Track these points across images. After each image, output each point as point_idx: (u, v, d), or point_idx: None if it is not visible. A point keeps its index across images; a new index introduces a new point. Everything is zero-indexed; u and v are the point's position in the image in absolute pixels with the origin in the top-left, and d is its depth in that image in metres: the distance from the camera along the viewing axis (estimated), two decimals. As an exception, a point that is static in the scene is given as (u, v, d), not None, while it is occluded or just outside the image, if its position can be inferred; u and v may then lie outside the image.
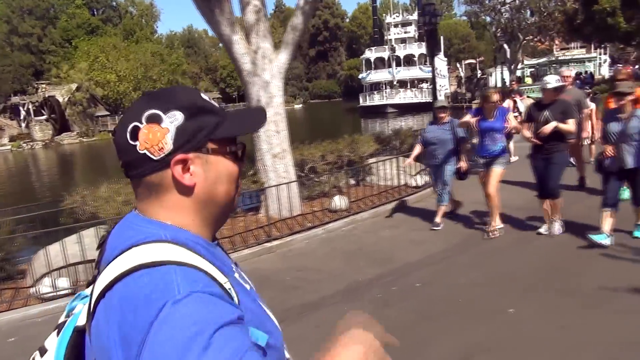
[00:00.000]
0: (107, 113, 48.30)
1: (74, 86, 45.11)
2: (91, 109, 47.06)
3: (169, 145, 0.82)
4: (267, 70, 6.72)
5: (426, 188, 8.36)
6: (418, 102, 44.22)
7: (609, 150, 4.92)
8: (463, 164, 6.15)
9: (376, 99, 48.80)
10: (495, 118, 5.57)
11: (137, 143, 0.82)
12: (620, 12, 18.09)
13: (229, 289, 0.79)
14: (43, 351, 0.91)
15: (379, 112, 45.95)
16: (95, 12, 67.14)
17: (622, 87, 4.85)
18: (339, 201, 7.31)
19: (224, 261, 0.88)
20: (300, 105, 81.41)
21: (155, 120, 0.82)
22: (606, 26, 19.04)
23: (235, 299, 0.79)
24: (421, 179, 8.70)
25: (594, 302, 3.94)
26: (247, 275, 0.97)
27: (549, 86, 5.29)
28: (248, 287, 0.90)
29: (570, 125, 5.16)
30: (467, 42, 72.80)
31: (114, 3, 69.35)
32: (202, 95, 0.89)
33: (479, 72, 60.15)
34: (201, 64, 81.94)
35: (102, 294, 0.77)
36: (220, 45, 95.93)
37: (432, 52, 12.36)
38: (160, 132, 0.82)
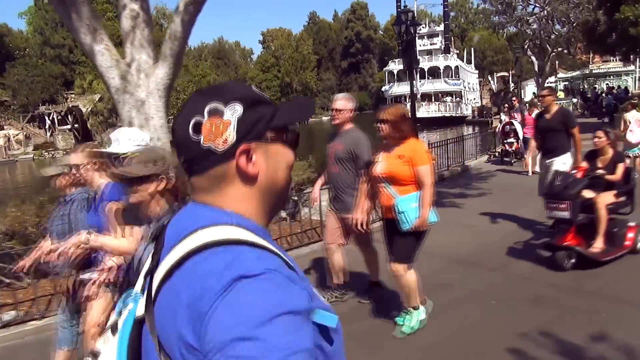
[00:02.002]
0: (129, 123, 48.62)
1: (97, 97, 45.66)
2: (112, 119, 47.52)
3: (232, 137, 0.83)
4: (142, 86, 5.61)
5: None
6: (441, 116, 42.33)
7: None
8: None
9: (398, 113, 47.03)
10: None
11: (201, 137, 0.83)
12: (644, 22, 16.17)
13: (300, 276, 0.78)
14: (96, 355, 0.92)
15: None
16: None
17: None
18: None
19: (284, 252, 0.84)
20: (329, 118, 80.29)
21: (217, 113, 0.83)
22: (630, 37, 17.12)
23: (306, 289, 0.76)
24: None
25: None
26: None
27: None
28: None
29: None
30: (501, 54, 70.26)
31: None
32: (254, 87, 0.90)
33: (512, 85, 57.72)
34: (230, 75, 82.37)
35: (169, 274, 0.77)
36: (252, 56, 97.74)
37: (411, 66, 11.00)
38: (223, 125, 0.83)
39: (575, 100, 34.16)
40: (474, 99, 52.75)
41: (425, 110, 44.29)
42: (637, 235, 5.36)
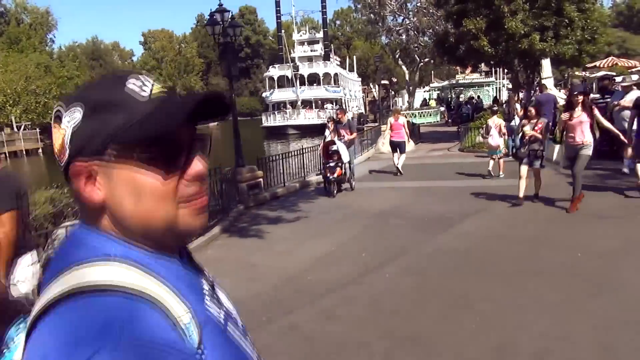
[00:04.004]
0: (-26, 131, 42.50)
1: None
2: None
3: (66, 151, 0.68)
4: None
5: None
6: (321, 123, 42.12)
7: None
8: None
9: (278, 119, 46.30)
10: None
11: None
12: (484, 36, 16.56)
13: (187, 324, 0.64)
14: None
15: (280, 133, 43.47)
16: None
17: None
18: None
19: (190, 283, 0.72)
20: (215, 123, 77.74)
21: (57, 119, 0.70)
22: (474, 49, 17.52)
23: (196, 335, 0.64)
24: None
25: None
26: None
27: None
28: (222, 314, 0.74)
29: None
30: (383, 62, 72.59)
31: (2, 9, 62.96)
32: (131, 82, 0.69)
33: (393, 93, 59.68)
34: (107, 78, 76.45)
35: (33, 325, 0.64)
36: (133, 59, 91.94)
37: (230, 71, 9.81)
38: (58, 134, 0.69)
39: (442, 109, 35.59)
40: (357, 106, 53.51)
41: (304, 117, 43.86)
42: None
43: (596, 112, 7.02)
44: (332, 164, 9.86)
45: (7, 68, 45.93)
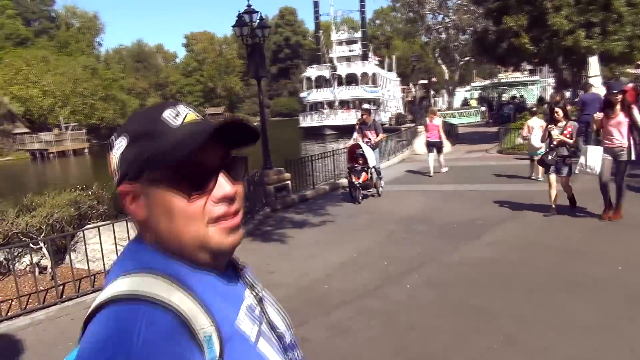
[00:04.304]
0: (27, 131, 44.47)
1: (-11, 101, 41.39)
2: (7, 126, 43.29)
3: (116, 175, 0.79)
4: None
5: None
6: (358, 123, 41.74)
7: None
8: None
9: (315, 120, 46.15)
10: None
11: None
12: (525, 33, 15.87)
13: (207, 336, 0.69)
14: None
15: (317, 133, 43.33)
16: (31, 23, 63.36)
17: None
18: None
19: (227, 295, 0.78)
20: (255, 124, 78.43)
21: (110, 147, 0.80)
22: (515, 47, 16.83)
23: (217, 347, 0.70)
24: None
25: None
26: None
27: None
28: (255, 329, 0.79)
29: None
30: (423, 62, 71.59)
31: (53, 14, 65.70)
32: (167, 112, 0.77)
33: (433, 93, 58.51)
34: (151, 80, 78.60)
35: (84, 329, 0.72)
36: (176, 60, 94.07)
37: (257, 72, 9.72)
38: (111, 161, 0.79)
39: (483, 108, 34.57)
40: (396, 106, 52.78)
41: (342, 118, 43.55)
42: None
43: (635, 111, 6.31)
44: (357, 168, 9.34)
45: (57, 71, 47.87)
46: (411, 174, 12.80)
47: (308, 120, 46.60)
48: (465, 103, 42.44)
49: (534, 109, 13.53)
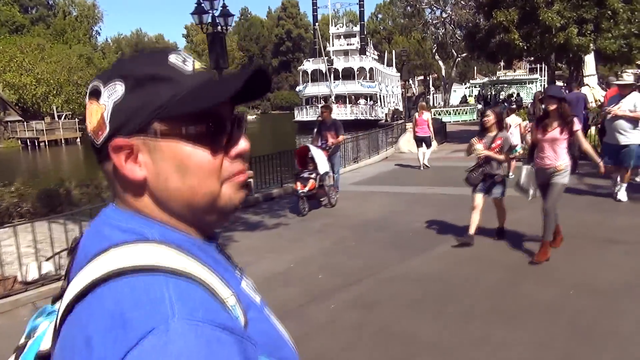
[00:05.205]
0: (19, 119, 43.96)
1: (-20, 88, 40.89)
2: (-2, 114, 42.80)
3: (106, 127, 0.65)
4: None
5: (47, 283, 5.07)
6: (354, 119, 41.11)
7: None
8: None
9: (309, 114, 45.54)
10: None
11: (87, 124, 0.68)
12: (516, 29, 15.24)
13: (232, 306, 0.62)
14: None
15: (311, 127, 42.69)
16: (29, 10, 62.74)
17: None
18: None
19: (226, 267, 0.71)
20: (254, 117, 77.94)
21: (94, 95, 0.66)
22: (506, 43, 16.22)
23: (242, 318, 0.63)
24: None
25: None
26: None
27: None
28: (258, 299, 0.74)
29: None
30: (423, 58, 70.78)
31: (51, 2, 65.04)
32: (173, 56, 0.67)
33: (433, 89, 57.72)
34: (149, 70, 78.06)
35: (69, 308, 0.61)
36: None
37: (218, 63, 9.16)
38: (96, 111, 0.66)
39: (480, 107, 33.93)
40: (394, 102, 52.10)
41: (337, 113, 42.88)
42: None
43: (577, 127, 4.87)
44: (304, 175, 8.03)
45: (51, 59, 47.28)
46: (388, 173, 12.24)
47: (303, 114, 45.97)
48: (465, 100, 41.77)
49: (513, 106, 13.35)
